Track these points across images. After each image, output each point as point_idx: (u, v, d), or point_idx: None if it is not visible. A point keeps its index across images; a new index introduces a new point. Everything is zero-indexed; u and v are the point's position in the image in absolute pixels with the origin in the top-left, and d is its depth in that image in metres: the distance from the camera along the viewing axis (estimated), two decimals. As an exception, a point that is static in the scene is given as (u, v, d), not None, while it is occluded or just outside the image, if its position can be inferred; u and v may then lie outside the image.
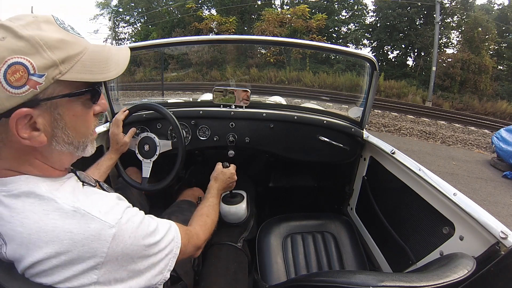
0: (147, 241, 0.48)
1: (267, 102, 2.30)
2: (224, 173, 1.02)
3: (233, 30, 15.43)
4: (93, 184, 0.53)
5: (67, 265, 0.41)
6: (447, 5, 13.45)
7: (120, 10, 19.19)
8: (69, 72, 0.41)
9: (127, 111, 1.09)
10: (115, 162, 1.04)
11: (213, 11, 16.98)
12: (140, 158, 1.13)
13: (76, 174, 0.52)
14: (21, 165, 0.45)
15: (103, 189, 0.57)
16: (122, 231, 0.44)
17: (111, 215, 0.45)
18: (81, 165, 1.08)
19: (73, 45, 0.42)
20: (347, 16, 16.46)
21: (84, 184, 0.51)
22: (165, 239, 0.52)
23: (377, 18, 15.52)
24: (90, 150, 0.51)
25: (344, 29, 16.42)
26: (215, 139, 1.29)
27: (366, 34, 15.99)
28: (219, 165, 1.05)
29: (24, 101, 0.39)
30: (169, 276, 0.53)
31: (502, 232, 0.61)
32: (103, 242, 0.42)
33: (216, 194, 0.95)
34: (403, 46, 14.77)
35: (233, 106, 1.31)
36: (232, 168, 1.06)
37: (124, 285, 0.45)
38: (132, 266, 0.46)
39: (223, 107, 1.32)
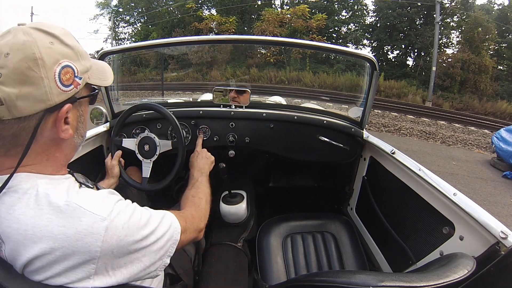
0: (142, 231, 0.49)
1: (267, 102, 2.30)
2: (198, 156, 1.06)
3: (233, 30, 15.43)
4: (90, 186, 0.54)
5: (62, 260, 0.41)
6: (447, 5, 13.45)
7: (120, 10, 19.20)
8: (91, 77, 0.52)
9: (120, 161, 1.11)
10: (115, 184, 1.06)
11: (213, 11, 17.00)
12: (140, 158, 1.13)
13: (74, 176, 0.53)
14: (37, 161, 0.47)
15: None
16: (114, 223, 0.45)
17: (102, 208, 0.45)
18: (80, 167, 1.09)
19: (89, 57, 0.52)
20: (347, 16, 16.46)
21: (82, 185, 0.52)
22: (161, 227, 0.53)
23: (377, 18, 15.53)
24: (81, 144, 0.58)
25: (344, 29, 16.44)
26: (215, 139, 1.29)
27: (366, 34, 15.99)
28: (192, 157, 1.08)
29: (68, 98, 0.47)
30: (168, 262, 0.54)
31: (502, 232, 0.61)
32: (96, 235, 0.42)
33: (200, 175, 0.95)
34: (403, 46, 14.78)
35: (233, 106, 1.31)
36: (204, 150, 1.11)
37: (122, 274, 0.46)
38: (129, 256, 0.47)
39: (223, 107, 1.32)
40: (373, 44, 15.91)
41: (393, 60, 15.51)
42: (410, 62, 15.16)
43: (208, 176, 0.98)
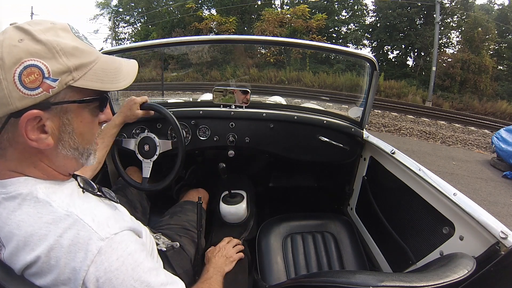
0: (140, 275, 0.43)
1: (267, 102, 2.30)
2: (217, 253, 0.95)
3: (233, 30, 15.41)
4: (95, 191, 0.52)
5: (54, 271, 0.40)
6: (447, 5, 13.44)
7: (120, 10, 19.20)
8: (81, 79, 0.43)
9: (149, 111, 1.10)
10: (118, 130, 1.04)
11: (213, 11, 16.98)
12: (140, 158, 1.13)
13: (77, 180, 0.52)
14: (25, 166, 0.45)
15: (105, 196, 0.54)
16: (110, 249, 0.41)
17: (105, 228, 0.43)
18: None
19: (86, 54, 0.44)
20: (347, 16, 16.46)
21: (85, 191, 0.50)
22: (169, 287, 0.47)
23: (377, 18, 15.52)
24: (92, 160, 0.52)
25: (344, 29, 16.43)
26: (215, 139, 1.29)
27: (366, 34, 15.99)
28: (209, 252, 0.97)
29: (35, 103, 0.40)
30: None
31: (502, 232, 0.61)
32: (89, 253, 0.40)
33: (216, 272, 0.86)
34: (403, 46, 14.77)
35: (233, 106, 1.31)
36: (227, 247, 0.99)
37: None
38: None
39: (223, 107, 1.32)
40: (373, 44, 15.91)
41: (393, 60, 15.51)
42: (410, 62, 15.17)
43: (224, 277, 0.87)
